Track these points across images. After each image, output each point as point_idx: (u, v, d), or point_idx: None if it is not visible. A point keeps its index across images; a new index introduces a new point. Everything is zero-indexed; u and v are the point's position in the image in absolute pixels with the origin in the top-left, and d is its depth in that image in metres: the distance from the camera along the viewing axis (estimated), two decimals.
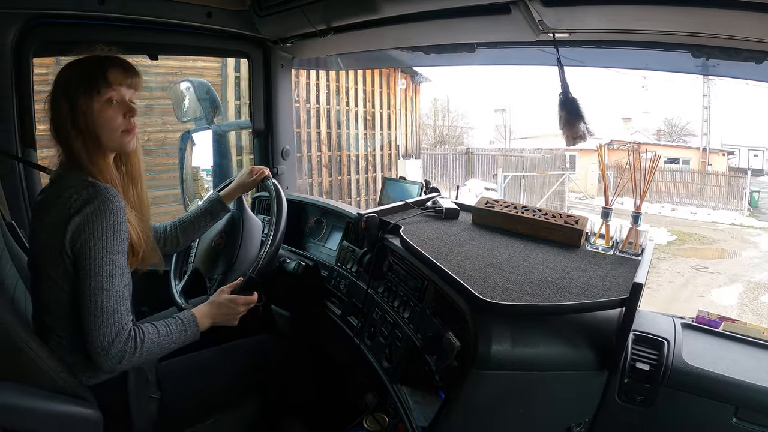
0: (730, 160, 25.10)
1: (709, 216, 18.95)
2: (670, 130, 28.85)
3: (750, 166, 24.40)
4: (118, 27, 2.29)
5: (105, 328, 1.41)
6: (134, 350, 1.45)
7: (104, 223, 1.40)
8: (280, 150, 2.91)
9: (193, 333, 1.63)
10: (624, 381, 1.48)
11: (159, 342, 1.52)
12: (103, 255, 1.40)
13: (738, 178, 20.52)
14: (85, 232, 1.39)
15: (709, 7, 1.36)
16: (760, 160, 25.57)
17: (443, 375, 1.46)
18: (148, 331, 1.50)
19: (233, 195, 2.09)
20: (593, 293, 1.45)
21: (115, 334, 1.41)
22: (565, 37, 1.85)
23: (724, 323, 1.67)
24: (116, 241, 1.42)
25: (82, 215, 1.39)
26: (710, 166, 23.19)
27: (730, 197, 20.03)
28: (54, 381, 1.42)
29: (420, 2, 1.77)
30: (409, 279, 1.80)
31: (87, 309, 1.41)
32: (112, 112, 1.51)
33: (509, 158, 18.07)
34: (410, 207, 2.21)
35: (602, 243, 1.80)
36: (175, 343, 1.58)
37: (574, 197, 19.60)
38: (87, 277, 1.40)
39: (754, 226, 17.78)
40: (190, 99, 2.81)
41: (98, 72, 1.49)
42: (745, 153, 25.77)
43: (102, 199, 1.40)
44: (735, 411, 1.38)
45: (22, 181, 2.18)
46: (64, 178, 1.49)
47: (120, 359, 1.43)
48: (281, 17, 2.20)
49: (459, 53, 2.25)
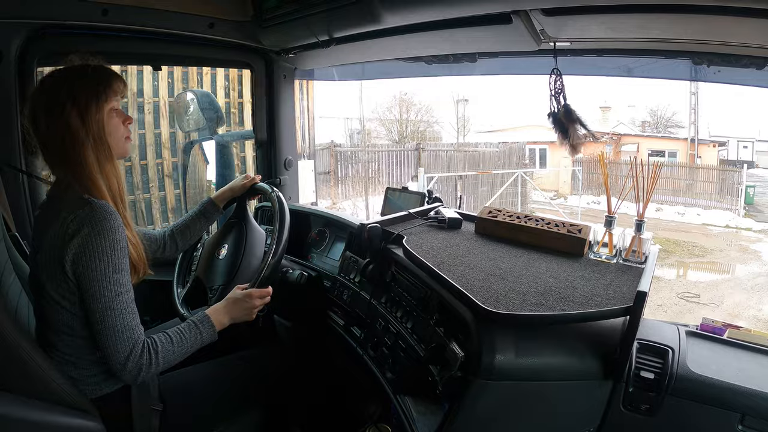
0: (721, 152, 23.18)
1: (700, 217, 17.12)
2: (656, 121, 26.84)
3: (739, 158, 23.41)
4: (122, 37, 2.30)
5: (119, 345, 1.41)
6: (150, 362, 1.45)
7: (104, 243, 1.39)
8: (283, 160, 2.92)
9: (209, 333, 1.63)
10: (629, 390, 1.47)
11: (174, 349, 1.52)
12: (107, 275, 1.40)
13: (732, 172, 18.33)
14: (85, 254, 1.38)
15: (709, 14, 1.37)
16: (749, 151, 24.61)
17: (447, 385, 1.45)
18: (161, 340, 1.50)
19: (223, 196, 2.09)
20: (597, 302, 1.44)
21: (129, 350, 1.42)
22: (566, 46, 1.86)
23: (729, 330, 1.66)
24: (117, 259, 1.42)
25: (81, 237, 1.38)
26: (699, 158, 21.10)
27: (723, 194, 18.00)
28: (56, 393, 1.41)
29: (422, 13, 1.77)
30: (412, 289, 1.80)
31: (98, 330, 1.41)
32: (116, 120, 1.53)
33: (463, 154, 16.33)
34: (413, 217, 2.21)
35: (605, 251, 1.80)
36: (192, 346, 1.58)
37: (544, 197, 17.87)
38: (94, 300, 1.40)
39: (752, 228, 15.90)
40: (194, 109, 2.81)
41: (106, 80, 1.50)
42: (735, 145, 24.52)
43: (99, 218, 1.39)
44: (741, 418, 1.37)
45: (26, 193, 2.19)
46: (60, 198, 1.48)
47: (138, 372, 1.44)
48: (284, 28, 2.21)
49: (461, 63, 2.25)
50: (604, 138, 21.69)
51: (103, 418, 1.50)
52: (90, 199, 1.42)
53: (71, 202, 1.42)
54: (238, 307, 1.73)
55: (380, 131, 23.95)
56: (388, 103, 23.85)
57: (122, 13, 2.14)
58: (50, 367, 1.42)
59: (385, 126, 23.83)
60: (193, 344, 1.58)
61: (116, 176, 1.53)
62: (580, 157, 18.82)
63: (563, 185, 21.17)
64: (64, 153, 1.45)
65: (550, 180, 21.51)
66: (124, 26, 2.22)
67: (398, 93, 23.70)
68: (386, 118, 23.84)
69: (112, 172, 1.52)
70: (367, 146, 17.45)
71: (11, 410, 1.32)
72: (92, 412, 1.49)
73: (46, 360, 1.42)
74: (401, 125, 23.68)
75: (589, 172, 19.91)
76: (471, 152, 16.43)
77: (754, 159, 24.19)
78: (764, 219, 16.70)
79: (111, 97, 1.50)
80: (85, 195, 1.43)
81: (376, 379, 1.85)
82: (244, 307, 1.73)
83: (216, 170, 2.88)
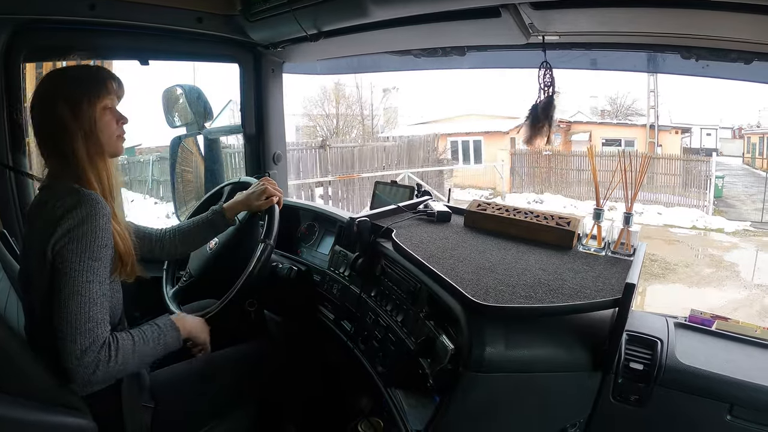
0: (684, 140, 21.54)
1: (661, 216, 14.72)
2: (616, 109, 25.10)
3: (703, 145, 22.64)
4: (109, 32, 2.29)
5: (78, 335, 1.36)
6: (108, 359, 1.39)
7: (86, 227, 1.38)
8: (272, 155, 2.91)
9: (173, 338, 1.61)
10: (618, 381, 1.48)
11: (134, 349, 1.47)
12: (81, 259, 1.37)
13: (699, 163, 16.00)
14: (65, 237, 1.37)
15: (698, 8, 1.37)
16: (713, 139, 23.91)
17: (437, 378, 1.46)
18: (123, 338, 1.46)
19: (236, 210, 2.00)
20: (586, 294, 1.46)
21: (89, 343, 1.37)
22: (555, 40, 1.86)
23: (717, 322, 1.67)
24: (96, 246, 1.40)
25: (65, 221, 1.37)
26: (660, 147, 18.98)
27: (689, 187, 15.73)
28: (46, 392, 1.41)
29: (410, 6, 1.77)
30: (401, 282, 1.80)
31: (60, 315, 1.36)
32: (109, 118, 1.54)
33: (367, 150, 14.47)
34: (402, 211, 2.21)
35: (594, 244, 1.81)
36: (152, 350, 1.54)
37: (480, 195, 15.66)
38: (63, 282, 1.37)
39: (723, 229, 13.71)
40: (181, 104, 2.80)
41: (99, 79, 1.53)
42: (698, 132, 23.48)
43: (86, 205, 1.39)
44: (729, 408, 1.38)
45: (14, 190, 2.17)
46: (51, 187, 1.49)
47: (95, 367, 1.37)
48: (271, 22, 2.20)
49: (449, 57, 2.25)
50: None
51: (95, 416, 1.49)
52: (80, 189, 1.43)
53: (61, 192, 1.43)
54: (195, 325, 1.74)
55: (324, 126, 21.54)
56: (318, 97, 21.52)
57: (110, 8, 2.13)
58: (40, 366, 1.41)
59: (314, 121, 21.61)
60: (155, 348, 1.55)
61: (107, 171, 1.55)
62: (524, 150, 17.93)
63: (501, 182, 18.99)
64: (54, 144, 1.48)
65: (487, 176, 19.66)
66: (111, 21, 2.20)
67: (331, 85, 21.25)
68: (317, 114, 21.55)
69: (102, 167, 1.53)
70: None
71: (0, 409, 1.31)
72: (83, 410, 1.48)
73: (36, 358, 1.41)
74: (332, 120, 21.50)
75: (530, 166, 18.80)
76: (378, 146, 14.91)
77: (718, 146, 23.25)
78: (736, 216, 14.98)
79: (104, 95, 1.52)
80: (75, 185, 1.45)
81: (367, 372, 1.85)
82: (200, 332, 1.75)
83: (205, 165, 2.86)
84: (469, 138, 20.85)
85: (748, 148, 23.35)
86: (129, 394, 1.60)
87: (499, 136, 19.89)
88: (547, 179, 18.52)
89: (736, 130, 25.01)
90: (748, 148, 23.42)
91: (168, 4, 2.25)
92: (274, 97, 2.90)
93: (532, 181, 18.80)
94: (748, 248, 12.16)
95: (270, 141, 2.92)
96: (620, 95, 24.94)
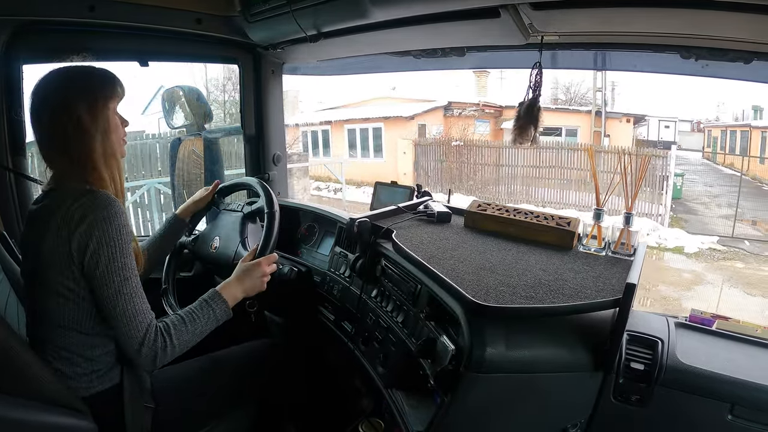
0: (639, 131, 20.06)
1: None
2: (569, 98, 23.21)
3: (661, 138, 21.59)
4: (109, 34, 2.29)
5: (132, 331, 1.43)
6: (165, 344, 1.47)
7: (110, 228, 1.40)
8: (271, 156, 2.91)
9: (222, 310, 1.64)
10: (619, 381, 1.48)
11: (188, 329, 1.54)
12: (115, 260, 1.41)
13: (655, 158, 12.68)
14: (92, 241, 1.39)
15: (697, 8, 1.37)
16: (671, 132, 23.03)
17: (438, 379, 1.45)
18: (174, 322, 1.52)
19: (187, 211, 2.13)
20: (586, 294, 1.46)
21: (143, 335, 1.44)
22: (554, 40, 1.86)
23: (718, 321, 1.67)
24: (124, 243, 1.43)
25: (87, 224, 1.39)
26: (608, 137, 16.49)
27: (641, 187, 8.70)
28: (48, 393, 1.40)
29: (410, 7, 1.77)
30: (402, 283, 1.80)
31: (111, 317, 1.44)
32: (117, 120, 1.56)
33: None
34: (402, 211, 2.21)
35: (594, 244, 1.81)
36: (206, 325, 1.59)
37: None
38: (103, 286, 1.41)
39: (683, 249, 10.36)
40: (181, 105, 2.80)
41: (110, 80, 1.54)
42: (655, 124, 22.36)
43: (104, 205, 1.41)
44: (730, 408, 1.39)
45: (13, 192, 2.17)
46: (60, 189, 1.48)
47: (154, 357, 1.46)
48: (271, 23, 2.20)
49: (449, 57, 2.25)
50: (468, 111, 18.42)
51: (95, 417, 1.50)
52: (92, 189, 1.45)
53: (73, 193, 1.44)
54: (248, 277, 1.75)
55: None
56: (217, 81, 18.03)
57: (109, 10, 2.13)
58: (41, 367, 1.41)
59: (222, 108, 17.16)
60: (207, 322, 1.60)
61: (118, 171, 1.57)
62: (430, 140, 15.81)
63: (404, 177, 15.34)
64: (67, 146, 1.47)
65: (387, 169, 15.82)
66: (111, 22, 2.20)
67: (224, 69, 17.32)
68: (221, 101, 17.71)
69: (115, 166, 1.55)
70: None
71: (0, 410, 1.31)
72: (84, 411, 1.48)
73: (37, 359, 1.41)
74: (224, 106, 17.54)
75: (437, 160, 16.25)
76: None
77: (677, 140, 20.89)
78: (700, 227, 12.04)
79: (115, 97, 1.54)
80: (87, 186, 1.46)
81: (368, 373, 1.85)
82: (254, 277, 1.76)
83: (205, 166, 2.86)
84: (368, 125, 18.01)
85: (709, 142, 22.98)
86: (129, 394, 1.60)
87: (402, 122, 17.02)
88: (458, 176, 15.89)
89: (695, 124, 24.68)
90: (708, 142, 23.06)
91: (167, 5, 2.25)
92: (274, 98, 2.90)
93: (439, 178, 16.23)
94: (716, 282, 8.90)
95: (270, 142, 2.92)
96: (574, 83, 23.57)
